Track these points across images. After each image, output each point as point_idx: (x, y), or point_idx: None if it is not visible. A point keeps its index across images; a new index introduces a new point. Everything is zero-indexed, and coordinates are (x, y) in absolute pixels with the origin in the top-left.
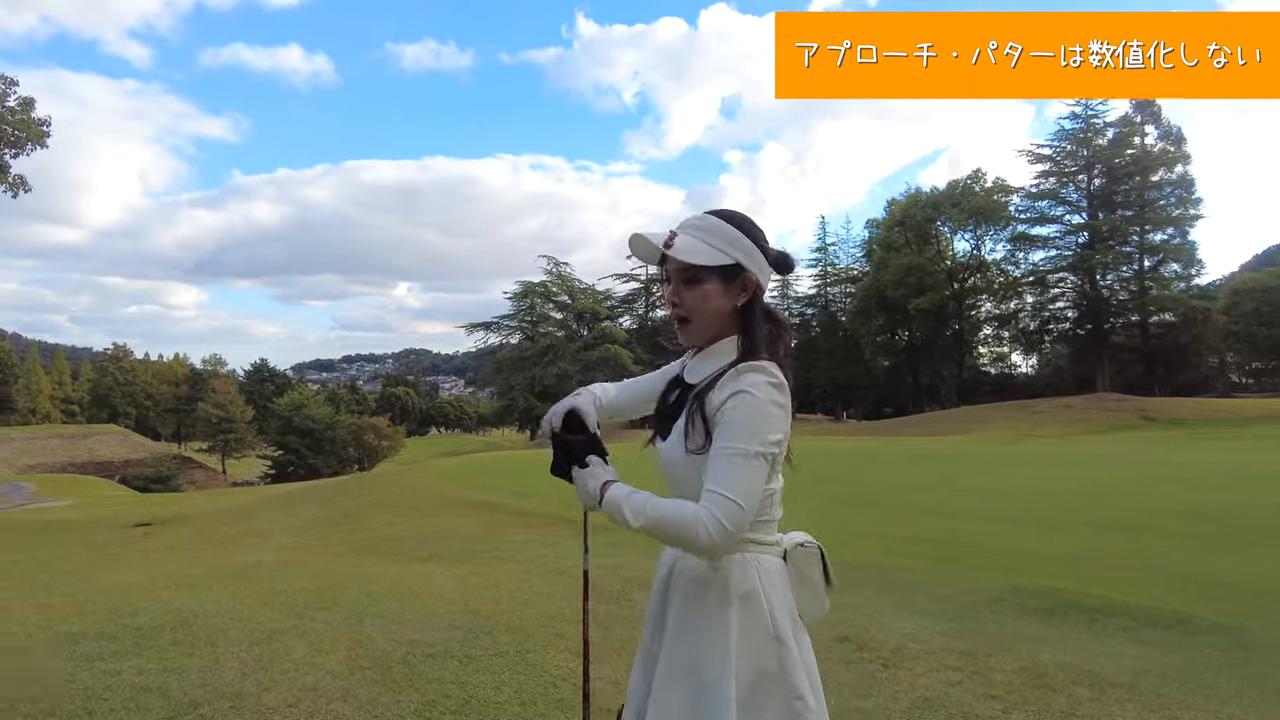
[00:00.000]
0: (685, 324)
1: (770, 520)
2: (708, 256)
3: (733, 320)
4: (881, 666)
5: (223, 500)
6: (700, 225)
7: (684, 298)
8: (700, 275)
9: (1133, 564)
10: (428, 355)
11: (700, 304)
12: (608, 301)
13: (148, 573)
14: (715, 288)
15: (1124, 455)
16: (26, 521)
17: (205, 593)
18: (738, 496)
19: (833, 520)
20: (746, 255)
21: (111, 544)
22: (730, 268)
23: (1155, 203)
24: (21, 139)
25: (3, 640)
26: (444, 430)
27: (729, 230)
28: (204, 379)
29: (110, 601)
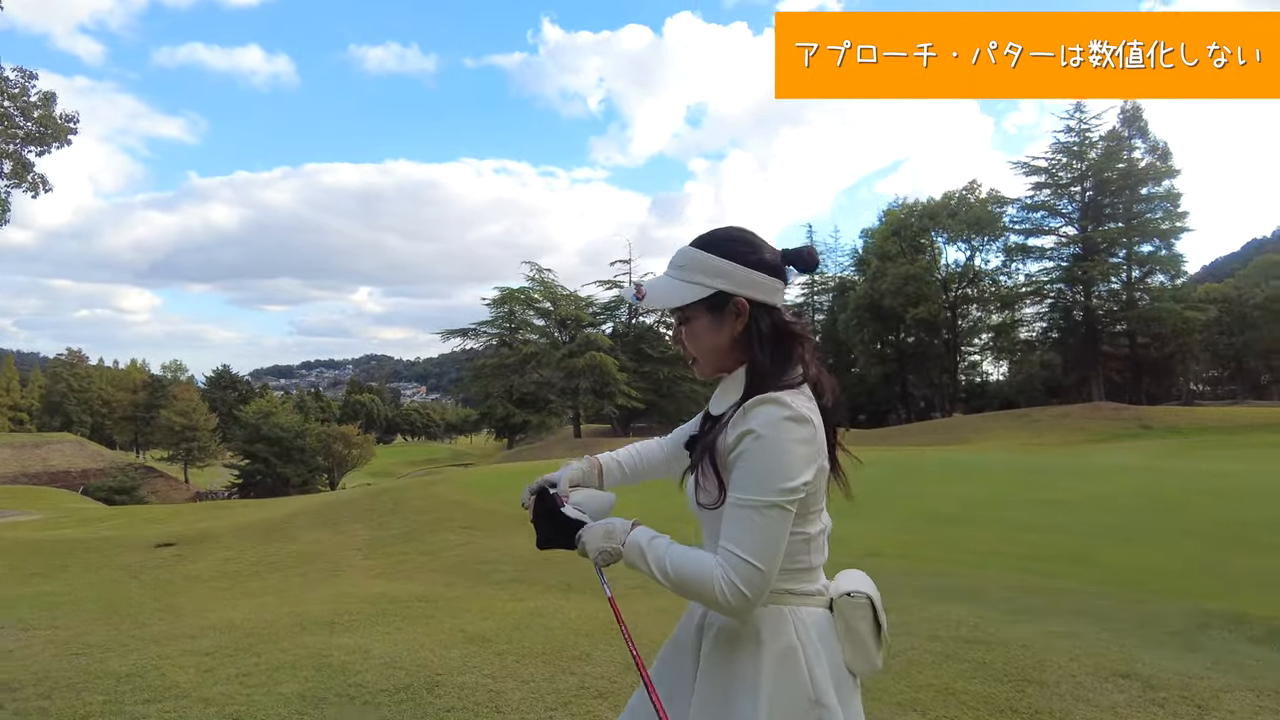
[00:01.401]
0: (695, 362)
1: (809, 568)
2: (679, 296)
3: (737, 349)
4: (1196, 709)
5: (235, 516)
6: (677, 261)
7: (683, 337)
8: (687, 313)
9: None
10: (389, 361)
11: (698, 342)
12: (590, 308)
13: (253, 607)
14: (703, 323)
15: (1150, 465)
16: (22, 540)
17: (392, 638)
18: (752, 556)
19: (939, 538)
20: (728, 278)
21: (148, 568)
22: (712, 297)
23: (1143, 215)
24: (46, 136)
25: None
26: (410, 438)
27: (703, 258)
28: (164, 386)
29: (287, 651)
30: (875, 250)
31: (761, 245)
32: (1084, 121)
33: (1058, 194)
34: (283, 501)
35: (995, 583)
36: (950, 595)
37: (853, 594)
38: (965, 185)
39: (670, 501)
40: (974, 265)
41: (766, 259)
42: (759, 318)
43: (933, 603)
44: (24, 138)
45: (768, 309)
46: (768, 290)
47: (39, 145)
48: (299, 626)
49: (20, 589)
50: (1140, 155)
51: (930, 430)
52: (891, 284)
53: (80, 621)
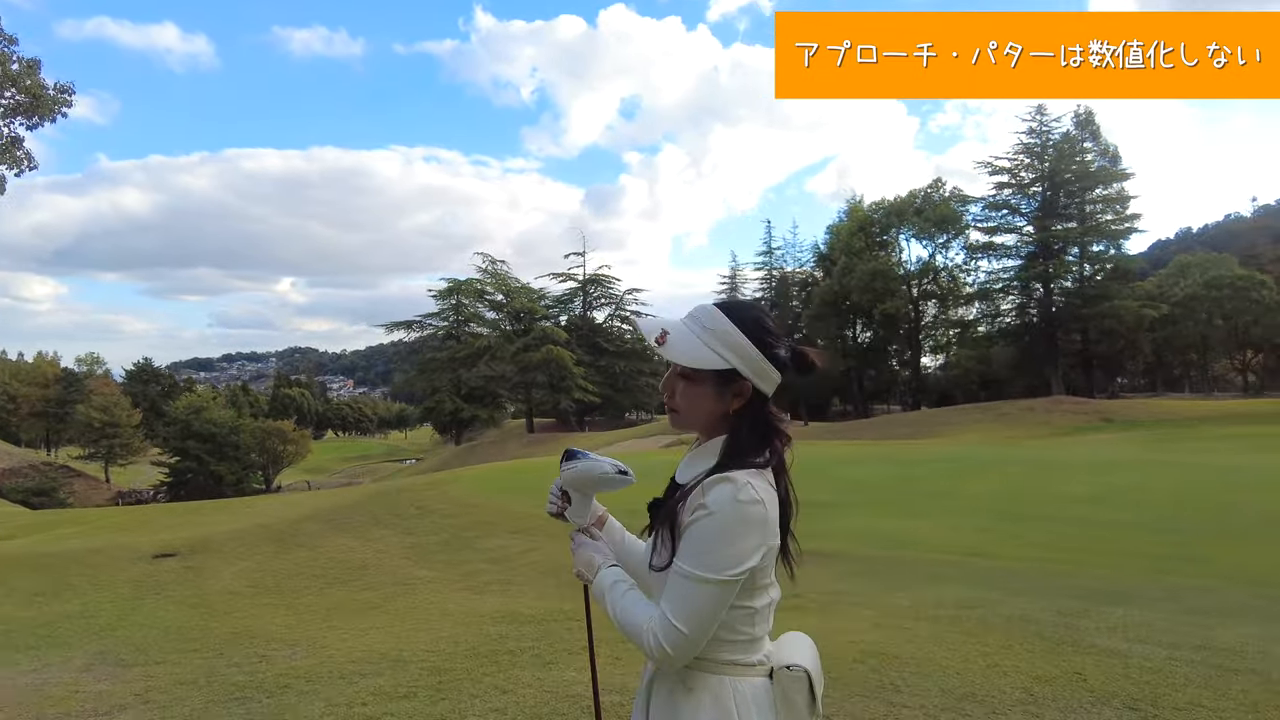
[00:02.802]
0: (676, 414)
1: (751, 639)
2: (701, 359)
3: (723, 422)
4: None
5: (211, 522)
6: (705, 321)
7: (677, 390)
8: (693, 374)
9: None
10: (314, 354)
11: (691, 402)
12: (543, 300)
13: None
14: (707, 390)
15: (1149, 458)
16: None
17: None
18: (682, 623)
19: (1029, 537)
20: (745, 361)
21: (166, 583)
22: (725, 372)
23: (1095, 216)
24: (36, 107)
25: None
26: (341, 433)
27: (731, 333)
28: (79, 380)
29: (528, 687)
30: (842, 247)
31: (780, 338)
32: (1044, 124)
33: (1018, 193)
34: (254, 505)
35: (1146, 583)
36: (1117, 598)
37: (792, 667)
38: (930, 183)
39: None
40: (935, 262)
41: (780, 354)
42: (755, 405)
43: (1108, 606)
44: (12, 109)
45: (764, 399)
46: (770, 383)
47: (28, 117)
48: (479, 655)
49: (30, 611)
50: (1092, 158)
51: (897, 424)
52: (859, 280)
53: (173, 653)
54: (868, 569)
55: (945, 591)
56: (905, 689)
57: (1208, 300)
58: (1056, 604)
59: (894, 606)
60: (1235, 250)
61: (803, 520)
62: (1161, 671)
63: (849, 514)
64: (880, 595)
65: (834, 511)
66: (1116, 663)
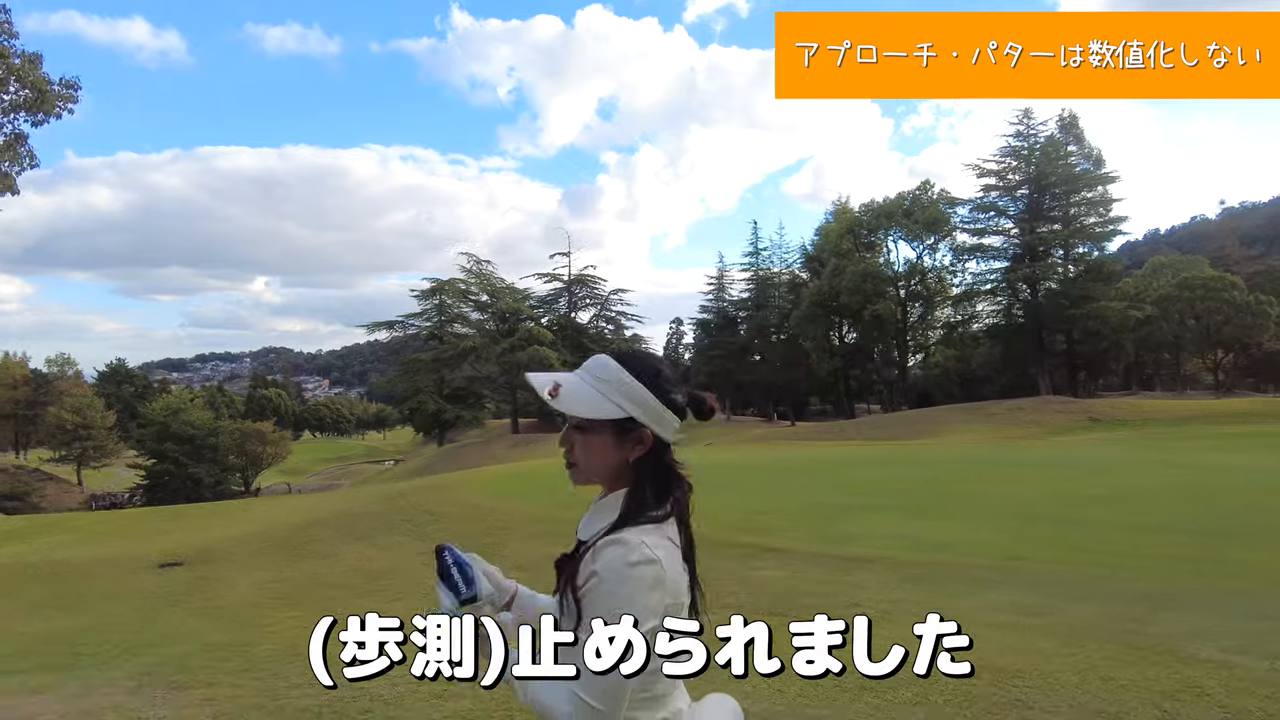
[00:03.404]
0: (574, 469)
1: (654, 696)
2: (596, 409)
3: (623, 473)
4: None
5: (222, 526)
6: (598, 372)
7: (574, 443)
8: (589, 425)
9: None
10: (288, 354)
11: (589, 455)
12: (527, 300)
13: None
14: (606, 440)
15: (1147, 457)
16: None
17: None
18: (596, 699)
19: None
20: (643, 408)
21: (180, 594)
22: (622, 421)
23: (1079, 219)
24: (41, 102)
25: None
26: (318, 434)
27: (626, 381)
28: (49, 381)
29: None
30: (831, 248)
31: (675, 385)
32: (1031, 126)
33: (1004, 195)
34: (250, 510)
35: (1192, 588)
36: (1171, 603)
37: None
38: (918, 185)
39: None
40: (922, 263)
41: (677, 400)
42: (655, 451)
43: (1168, 612)
44: (16, 104)
45: (664, 446)
46: (668, 429)
47: (31, 113)
48: None
49: (43, 625)
50: (1075, 161)
51: (887, 424)
52: (850, 281)
53: (222, 673)
54: (915, 574)
55: (1000, 597)
56: (1035, 705)
57: (1180, 301)
58: (1114, 609)
59: (957, 613)
60: (1204, 252)
61: (831, 523)
62: (1277, 684)
63: (875, 517)
64: (939, 602)
65: (859, 514)
66: (1227, 674)
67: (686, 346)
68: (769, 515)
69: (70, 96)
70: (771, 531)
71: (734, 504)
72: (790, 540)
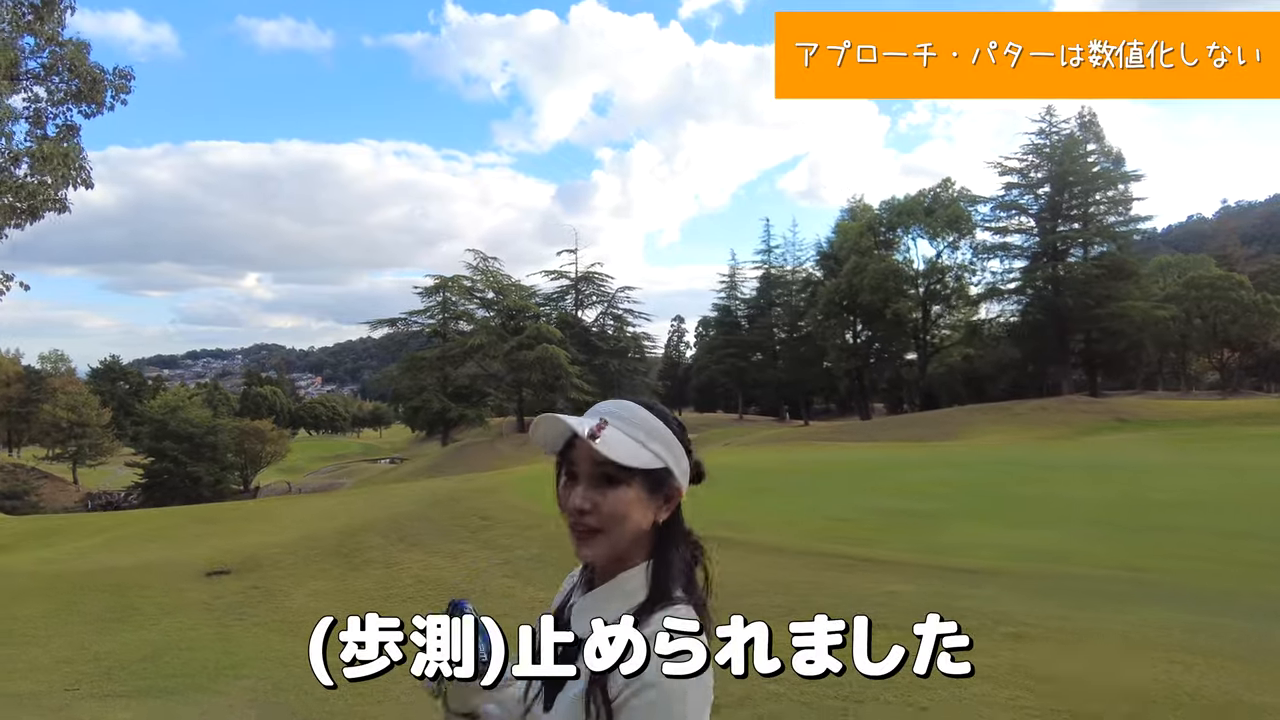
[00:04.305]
0: (594, 536)
1: None
2: (639, 457)
3: (646, 539)
4: None
5: (256, 531)
6: (628, 417)
7: (598, 502)
8: (623, 475)
9: None
10: (280, 351)
11: (619, 512)
12: (534, 298)
13: None
14: (636, 494)
15: (1194, 460)
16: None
17: None
18: None
19: (1155, 548)
20: (676, 460)
21: (235, 606)
22: (656, 472)
23: (1098, 217)
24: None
25: None
26: (313, 432)
27: (660, 428)
28: (43, 378)
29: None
30: (851, 246)
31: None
32: (1054, 124)
33: (1026, 193)
34: (283, 512)
35: None
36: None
37: None
38: (939, 183)
39: None
40: (941, 261)
41: (694, 456)
42: (678, 516)
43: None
44: (69, 95)
45: (679, 506)
46: (684, 487)
47: (77, 103)
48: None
49: (111, 641)
50: (1095, 159)
51: (909, 424)
52: (872, 279)
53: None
54: (1042, 588)
55: (1154, 613)
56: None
57: (1187, 300)
58: (1260, 626)
59: (1109, 632)
60: (1201, 251)
61: (922, 531)
62: None
63: (953, 524)
64: (1079, 618)
65: (935, 522)
66: None
67: (687, 345)
68: (848, 523)
69: (124, 86)
70: (863, 541)
71: (803, 509)
72: (890, 550)
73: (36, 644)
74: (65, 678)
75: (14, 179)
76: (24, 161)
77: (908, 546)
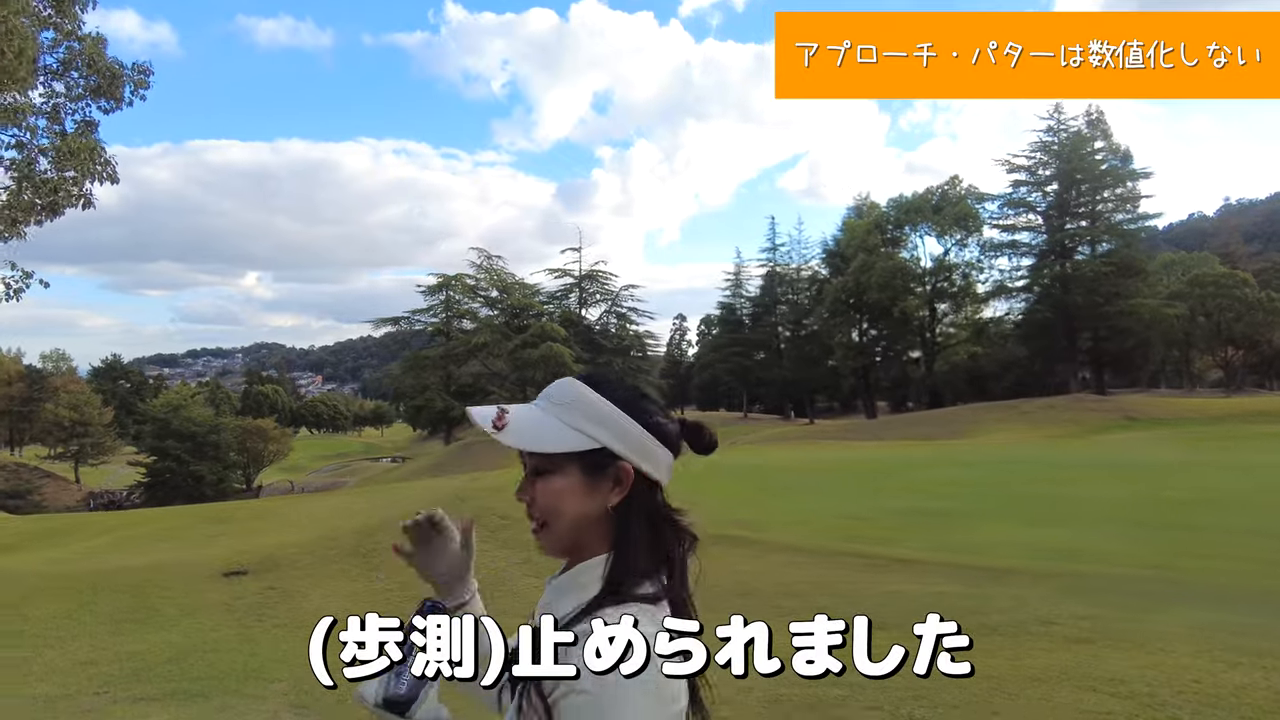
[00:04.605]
0: (542, 529)
1: None
2: (554, 437)
3: (600, 528)
4: None
5: (271, 530)
6: (556, 396)
7: (535, 493)
8: (550, 464)
9: None
10: (280, 349)
11: (552, 504)
12: (537, 296)
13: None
14: (572, 482)
15: (1207, 460)
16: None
17: None
18: None
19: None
20: (618, 433)
21: (256, 607)
22: (593, 453)
23: (1106, 215)
24: (111, 88)
25: None
26: (315, 431)
27: (593, 400)
28: (44, 377)
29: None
30: (858, 244)
31: (662, 411)
32: (1062, 122)
33: (1034, 190)
34: (294, 509)
35: None
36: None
37: None
38: (947, 180)
39: None
40: (949, 259)
41: (665, 425)
42: (641, 495)
43: None
44: (89, 91)
45: (652, 487)
46: (658, 464)
47: (100, 100)
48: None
49: (132, 642)
50: (1102, 158)
51: (916, 423)
52: (880, 277)
53: None
54: (1074, 587)
55: (1198, 615)
56: None
57: (1191, 298)
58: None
59: (1171, 635)
60: (1207, 248)
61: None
62: None
63: (983, 523)
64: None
65: (964, 521)
66: None
67: (689, 344)
68: (864, 521)
69: (143, 82)
70: (882, 540)
71: (816, 508)
72: (910, 549)
73: (53, 645)
74: (90, 680)
75: (37, 174)
76: (48, 155)
77: (926, 545)
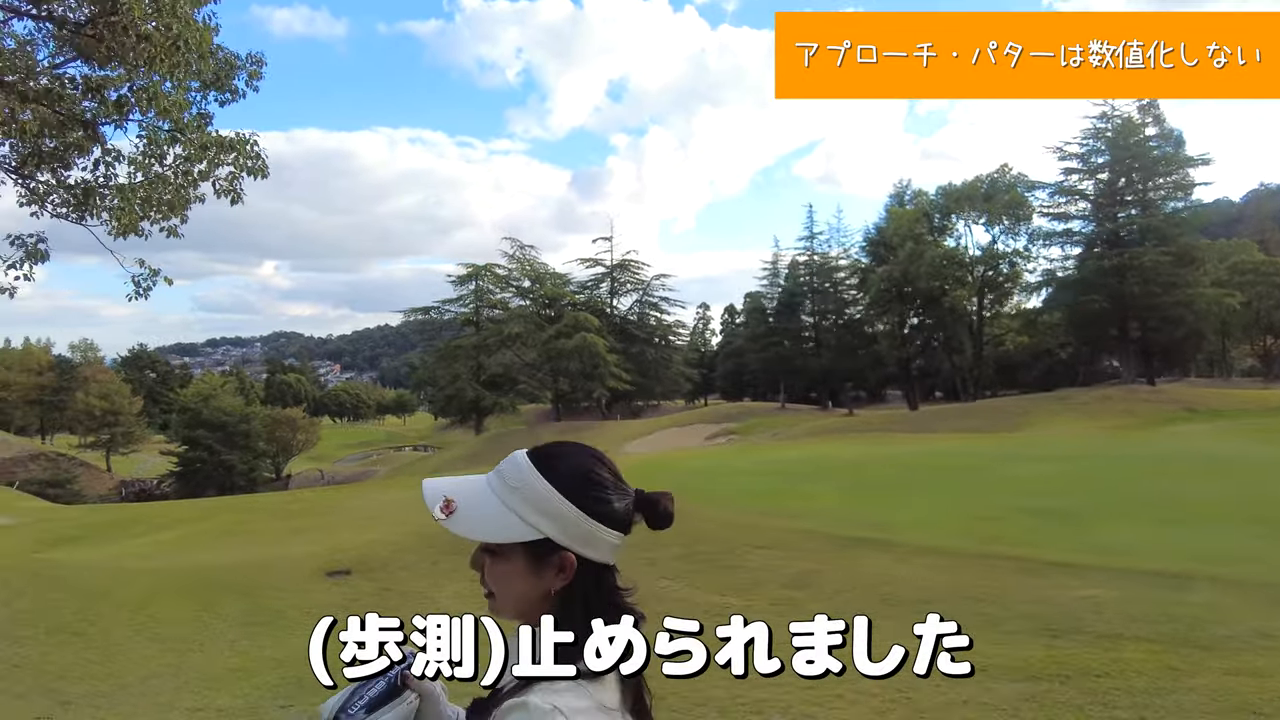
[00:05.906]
0: (492, 598)
1: None
2: (497, 528)
3: (547, 604)
4: None
5: (346, 526)
6: (508, 476)
7: (484, 567)
8: (498, 547)
9: None
10: (299, 339)
11: (503, 585)
12: (568, 286)
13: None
14: (517, 567)
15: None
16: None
17: None
18: None
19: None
20: (562, 527)
21: (391, 614)
22: (537, 543)
23: (1159, 203)
24: (226, 79)
25: None
26: (337, 419)
27: (541, 491)
28: (74, 367)
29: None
30: (905, 232)
31: (614, 491)
32: (1115, 108)
33: (1085, 178)
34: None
35: None
36: None
37: None
38: (996, 168)
39: None
40: (997, 248)
41: (616, 509)
42: (585, 579)
43: None
44: (206, 83)
45: (598, 570)
46: (604, 549)
47: (215, 91)
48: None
49: (277, 648)
50: (1155, 144)
51: (964, 414)
52: (929, 266)
53: None
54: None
55: None
56: None
57: (1230, 285)
58: None
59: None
60: (1235, 234)
61: (1076, 532)
62: None
63: (1115, 523)
64: None
65: (1094, 521)
66: None
67: (712, 333)
68: (992, 521)
69: (256, 73)
70: (1022, 542)
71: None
72: (1057, 552)
73: (193, 650)
74: (257, 689)
75: (193, 171)
76: (209, 150)
77: (1075, 547)
